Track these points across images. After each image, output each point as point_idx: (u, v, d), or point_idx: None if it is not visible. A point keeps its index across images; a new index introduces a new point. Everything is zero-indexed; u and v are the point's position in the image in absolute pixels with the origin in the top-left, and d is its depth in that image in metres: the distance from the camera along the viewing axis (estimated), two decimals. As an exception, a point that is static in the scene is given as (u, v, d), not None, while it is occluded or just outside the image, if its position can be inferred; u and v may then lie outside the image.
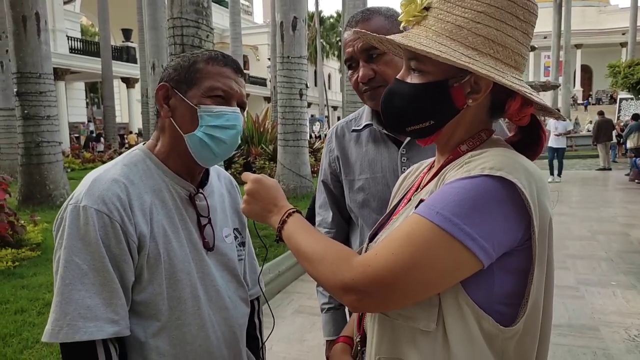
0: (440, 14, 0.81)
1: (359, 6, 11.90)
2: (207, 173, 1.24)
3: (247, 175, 1.03)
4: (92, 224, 0.98)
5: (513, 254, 0.74)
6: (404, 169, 1.33)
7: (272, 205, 0.97)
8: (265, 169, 10.84)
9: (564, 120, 0.87)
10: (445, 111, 0.83)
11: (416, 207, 0.80)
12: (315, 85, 35.94)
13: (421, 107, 0.84)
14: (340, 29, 31.04)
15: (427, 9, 0.83)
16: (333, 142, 1.48)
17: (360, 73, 1.28)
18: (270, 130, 12.82)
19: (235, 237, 1.27)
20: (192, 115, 1.09)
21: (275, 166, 9.23)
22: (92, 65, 22.27)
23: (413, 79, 0.84)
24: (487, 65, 0.78)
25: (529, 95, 0.79)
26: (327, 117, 33.48)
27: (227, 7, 22.78)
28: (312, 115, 31.82)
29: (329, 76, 42.23)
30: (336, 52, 34.94)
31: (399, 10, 1.02)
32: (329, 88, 40.80)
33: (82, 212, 0.98)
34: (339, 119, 38.64)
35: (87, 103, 29.63)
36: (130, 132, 24.15)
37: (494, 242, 0.71)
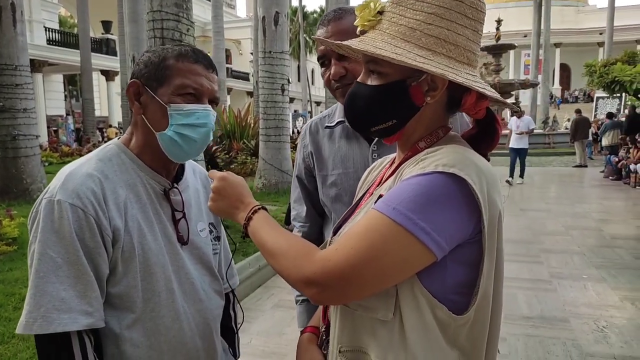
0: (394, 17, 0.85)
1: (342, 2, 11.92)
2: (182, 168, 1.26)
3: (214, 173, 1.06)
4: (67, 218, 0.99)
5: (464, 247, 0.79)
6: (376, 165, 1.37)
7: (239, 202, 1.00)
8: (247, 164, 10.82)
9: (518, 111, 0.92)
10: (406, 110, 0.87)
11: (375, 202, 0.84)
12: (299, 80, 35.87)
13: (382, 107, 0.87)
14: (324, 24, 30.97)
15: (381, 13, 0.88)
16: (307, 138, 1.51)
17: (332, 71, 1.32)
18: (252, 125, 12.77)
19: (211, 232, 1.29)
20: (162, 113, 1.10)
21: (257, 161, 9.22)
22: (71, 57, 21.82)
23: (373, 81, 0.88)
24: (441, 64, 0.82)
25: (482, 90, 0.83)
26: (310, 112, 33.48)
27: (210, 0, 22.54)
28: (295, 111, 31.77)
29: (312, 71, 42.20)
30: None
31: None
32: (312, 83, 40.78)
33: (56, 206, 1.00)
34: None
35: (65, 96, 29.07)
36: (110, 126, 23.79)
37: (446, 236, 0.75)
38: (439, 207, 0.75)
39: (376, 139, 1.37)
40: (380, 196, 0.86)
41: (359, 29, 0.91)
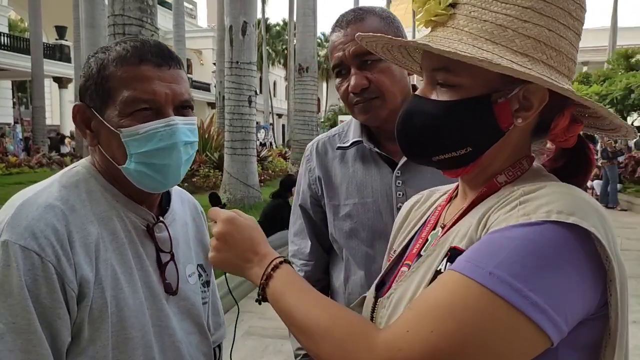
0: (474, 11, 0.65)
1: (309, 14, 11.83)
2: (168, 196, 1.01)
3: (216, 213, 0.81)
4: (16, 267, 0.73)
5: (585, 325, 0.58)
6: (399, 194, 1.15)
7: (251, 252, 0.76)
8: (210, 177, 10.43)
9: (634, 137, 0.71)
10: (487, 134, 0.67)
11: (448, 257, 0.63)
12: (261, 92, 35.61)
13: (456, 130, 0.67)
14: (287, 37, 30.99)
15: (453, 6, 0.68)
16: (313, 160, 1.28)
17: (352, 82, 1.10)
18: (215, 137, 12.41)
19: (200, 276, 1.05)
20: (117, 142, 0.85)
21: (221, 175, 8.88)
22: (21, 62, 20.75)
23: (442, 96, 0.68)
24: (542, 75, 0.62)
25: (607, 112, 0.65)
26: (272, 124, 33.24)
27: (171, 9, 22.07)
28: (257, 123, 31.49)
29: (275, 84, 42.08)
30: (282, 60, 34.85)
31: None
32: (274, 96, 40.61)
33: (1, 250, 0.74)
34: (283, 126, 38.47)
35: (14, 103, 27.58)
36: (65, 136, 22.58)
37: (566, 313, 0.55)
38: (555, 272, 0.55)
39: (401, 162, 1.16)
40: (457, 251, 0.64)
41: (419, 25, 0.70)
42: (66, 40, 24.42)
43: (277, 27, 38.66)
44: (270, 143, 26.61)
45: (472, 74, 0.65)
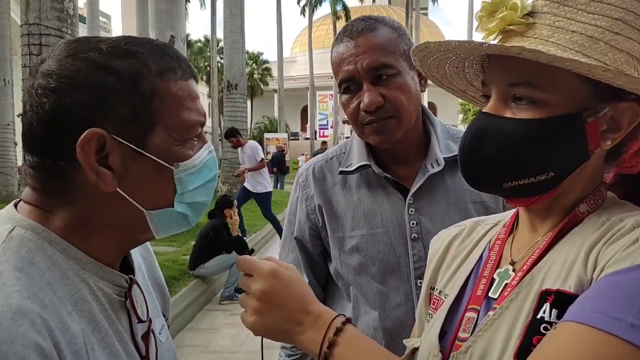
0: (558, 21, 0.59)
1: (237, 31, 11.66)
2: None
3: (252, 264, 0.65)
4: None
5: None
6: (413, 223, 1.05)
7: (302, 312, 0.63)
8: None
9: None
10: (573, 157, 0.60)
11: (552, 302, 0.55)
12: (182, 109, 34.54)
13: (541, 153, 0.60)
14: (209, 53, 30.46)
15: (530, 15, 0.61)
16: (311, 187, 1.14)
17: (366, 99, 0.99)
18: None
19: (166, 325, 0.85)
20: (162, 181, 0.64)
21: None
22: None
23: (520, 113, 0.60)
24: None
25: None
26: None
27: (85, 22, 20.94)
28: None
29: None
30: (205, 77, 34.10)
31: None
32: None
33: None
34: (207, 145, 37.36)
35: None
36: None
37: None
38: None
39: (414, 188, 1.05)
40: (563, 294, 0.55)
41: (489, 37, 0.62)
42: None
43: (199, 44, 37.91)
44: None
45: (559, 89, 0.59)
